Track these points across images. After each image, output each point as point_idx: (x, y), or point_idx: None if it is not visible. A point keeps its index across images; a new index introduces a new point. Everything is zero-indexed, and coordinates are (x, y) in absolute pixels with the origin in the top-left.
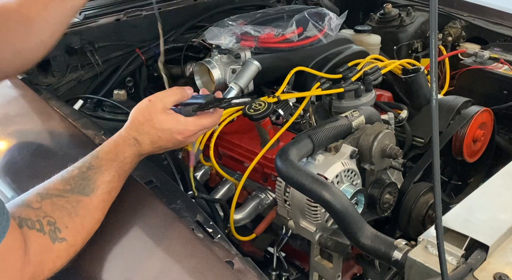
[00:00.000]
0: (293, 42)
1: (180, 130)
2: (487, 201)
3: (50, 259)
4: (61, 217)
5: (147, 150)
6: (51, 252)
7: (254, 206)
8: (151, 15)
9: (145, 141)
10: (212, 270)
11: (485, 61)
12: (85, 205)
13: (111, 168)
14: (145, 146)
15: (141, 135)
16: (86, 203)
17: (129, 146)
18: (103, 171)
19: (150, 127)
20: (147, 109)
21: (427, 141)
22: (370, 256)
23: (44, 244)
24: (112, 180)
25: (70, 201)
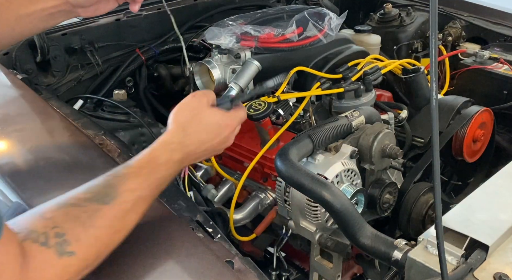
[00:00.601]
0: (293, 42)
1: (227, 123)
2: (487, 201)
3: (54, 275)
4: (73, 228)
5: (193, 154)
6: (55, 267)
7: (254, 206)
8: (151, 15)
9: (193, 142)
10: (212, 270)
11: (485, 61)
12: (103, 214)
13: (139, 175)
14: (191, 147)
15: (187, 136)
16: (104, 212)
17: (166, 151)
18: (129, 178)
19: (198, 122)
20: (193, 104)
21: (427, 140)
22: (370, 256)
23: (48, 259)
24: (137, 188)
25: (87, 210)
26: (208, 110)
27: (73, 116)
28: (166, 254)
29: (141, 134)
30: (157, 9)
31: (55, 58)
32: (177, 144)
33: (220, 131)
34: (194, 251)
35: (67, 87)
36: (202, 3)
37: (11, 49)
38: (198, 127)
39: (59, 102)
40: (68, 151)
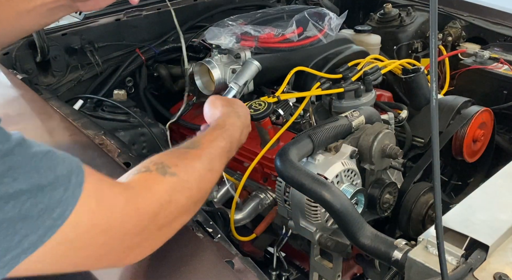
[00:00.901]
0: (293, 42)
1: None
2: (487, 201)
3: (163, 191)
4: (169, 159)
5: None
6: (162, 183)
7: (254, 206)
8: (151, 15)
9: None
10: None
11: (485, 61)
12: (193, 153)
13: (213, 133)
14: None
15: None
16: (194, 153)
17: (229, 118)
18: (206, 135)
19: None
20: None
21: (427, 140)
22: (370, 256)
23: (153, 178)
24: (215, 139)
25: (178, 151)
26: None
27: (73, 116)
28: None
29: (141, 134)
30: (157, 9)
31: (55, 58)
32: (233, 112)
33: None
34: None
35: (67, 87)
36: (202, 3)
37: (11, 49)
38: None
39: (59, 102)
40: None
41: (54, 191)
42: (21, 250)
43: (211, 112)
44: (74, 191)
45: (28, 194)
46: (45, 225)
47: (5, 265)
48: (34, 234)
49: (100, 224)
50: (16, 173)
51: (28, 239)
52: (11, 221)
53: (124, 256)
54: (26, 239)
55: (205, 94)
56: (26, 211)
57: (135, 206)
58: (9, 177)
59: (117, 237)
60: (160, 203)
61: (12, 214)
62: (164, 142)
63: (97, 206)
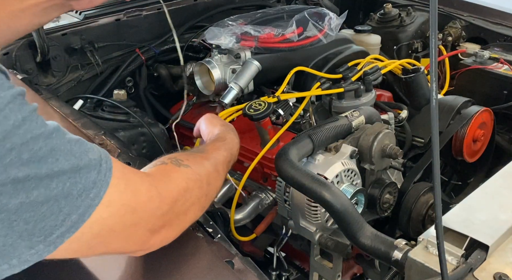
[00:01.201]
0: (293, 42)
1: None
2: (487, 201)
3: (180, 179)
4: (180, 155)
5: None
6: (178, 172)
7: (254, 206)
8: (151, 15)
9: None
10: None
11: (485, 61)
12: (200, 155)
13: (215, 144)
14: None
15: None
16: (201, 155)
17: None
18: (209, 144)
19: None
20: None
21: (427, 140)
22: (370, 256)
23: (170, 168)
24: (218, 148)
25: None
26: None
27: (73, 116)
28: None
29: (141, 134)
30: (157, 9)
31: (55, 58)
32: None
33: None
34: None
35: (67, 87)
36: (202, 3)
37: (11, 49)
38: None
39: (59, 102)
40: None
41: (89, 173)
42: (66, 228)
43: (209, 130)
44: (106, 174)
45: (68, 174)
46: (85, 204)
47: (51, 243)
48: (75, 213)
49: (129, 204)
50: (57, 154)
51: (71, 218)
52: (56, 199)
53: (147, 240)
54: (69, 217)
55: (205, 94)
56: (68, 189)
57: (157, 190)
58: (52, 157)
59: (142, 218)
60: (178, 189)
61: (57, 191)
62: (164, 142)
63: (125, 188)
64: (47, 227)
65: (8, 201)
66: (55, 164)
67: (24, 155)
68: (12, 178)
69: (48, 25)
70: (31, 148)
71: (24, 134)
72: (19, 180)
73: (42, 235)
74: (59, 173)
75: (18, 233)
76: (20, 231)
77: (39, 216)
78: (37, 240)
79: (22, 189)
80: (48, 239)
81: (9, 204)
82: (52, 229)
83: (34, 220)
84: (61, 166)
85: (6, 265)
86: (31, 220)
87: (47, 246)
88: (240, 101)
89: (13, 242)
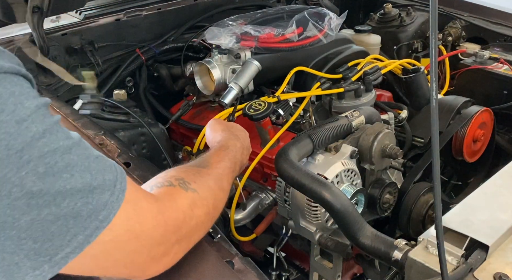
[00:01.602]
0: (293, 42)
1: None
2: (487, 201)
3: (187, 205)
4: (187, 176)
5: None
6: (185, 197)
7: (254, 206)
8: (151, 15)
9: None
10: (212, 270)
11: (485, 61)
12: (205, 172)
13: (218, 154)
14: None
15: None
16: (205, 172)
17: (230, 140)
18: (211, 156)
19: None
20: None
21: (427, 140)
22: (370, 256)
23: (177, 192)
24: (221, 160)
25: (192, 170)
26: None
27: (73, 116)
28: None
29: (141, 134)
30: (157, 9)
31: (55, 58)
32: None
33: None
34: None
35: (67, 87)
36: (202, 3)
37: (11, 49)
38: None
39: (59, 102)
40: None
41: (102, 194)
42: (71, 249)
43: (212, 136)
44: (118, 196)
45: (81, 193)
46: (92, 225)
47: (56, 264)
48: (82, 234)
49: (134, 230)
50: (73, 170)
51: (77, 238)
52: (65, 218)
53: (147, 267)
54: (75, 238)
55: (205, 94)
56: (78, 209)
57: (163, 218)
58: (67, 172)
59: (145, 245)
60: (184, 216)
61: (67, 211)
62: (164, 142)
63: (134, 213)
64: (54, 247)
65: (20, 217)
66: (68, 180)
67: (40, 168)
68: (26, 191)
69: (48, 25)
70: (48, 162)
71: (42, 147)
72: (33, 194)
73: (48, 255)
74: (72, 191)
75: (25, 252)
76: (27, 250)
77: (48, 235)
78: (43, 260)
79: (35, 206)
80: (54, 259)
81: (20, 220)
82: (58, 249)
83: (42, 239)
84: (74, 183)
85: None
86: (40, 239)
87: (52, 267)
88: (240, 101)
89: (19, 261)
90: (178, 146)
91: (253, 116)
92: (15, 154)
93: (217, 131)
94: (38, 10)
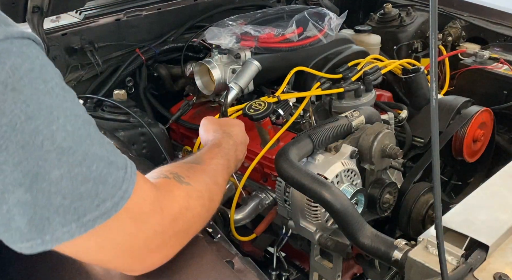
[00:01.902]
0: (293, 42)
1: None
2: (487, 201)
3: (181, 197)
4: (181, 171)
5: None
6: (180, 190)
7: (254, 206)
8: (151, 15)
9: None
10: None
11: (485, 61)
12: (199, 168)
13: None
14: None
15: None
16: (199, 168)
17: (224, 139)
18: (205, 153)
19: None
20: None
21: (427, 141)
22: (370, 256)
23: (172, 184)
24: (215, 157)
25: (186, 165)
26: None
27: None
28: None
29: (141, 134)
30: (157, 9)
31: (55, 58)
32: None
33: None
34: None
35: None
36: (202, 3)
37: None
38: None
39: None
40: None
41: (118, 170)
42: (99, 213)
43: (205, 136)
44: (132, 175)
45: (103, 162)
46: (118, 194)
47: (83, 225)
48: (110, 201)
49: (132, 210)
50: (94, 140)
51: (105, 204)
52: (95, 182)
53: (144, 257)
54: (103, 204)
55: (205, 94)
56: (105, 176)
57: (160, 205)
58: (90, 139)
59: (141, 229)
60: (180, 208)
61: (96, 174)
62: (164, 142)
63: (134, 194)
64: (83, 207)
65: (51, 170)
66: (90, 147)
67: (68, 127)
68: (57, 145)
69: (48, 25)
70: (73, 124)
71: (67, 109)
72: (63, 150)
73: (76, 214)
74: (96, 157)
75: (55, 207)
76: (57, 205)
77: (77, 194)
78: (71, 218)
79: (65, 162)
80: (81, 220)
81: (51, 173)
82: (86, 210)
83: (71, 197)
84: (95, 151)
85: (39, 239)
86: (69, 196)
87: (79, 227)
88: (240, 101)
89: (50, 216)
90: (178, 146)
91: (253, 116)
92: (46, 108)
93: (209, 132)
94: (38, 10)
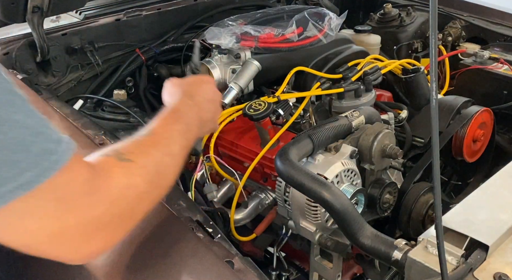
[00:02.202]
0: (293, 42)
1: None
2: (487, 201)
3: (120, 173)
4: (124, 147)
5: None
6: (118, 166)
7: (254, 206)
8: (151, 15)
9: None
10: (212, 270)
11: (485, 61)
12: (146, 140)
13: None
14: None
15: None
16: (147, 139)
17: (184, 106)
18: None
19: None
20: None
21: (427, 140)
22: (370, 256)
23: (110, 162)
24: (169, 123)
25: (130, 140)
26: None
27: (73, 116)
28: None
29: None
30: (157, 9)
31: (55, 58)
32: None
33: (214, 95)
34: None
35: (67, 87)
36: (202, 3)
37: (11, 49)
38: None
39: (59, 102)
40: None
41: (48, 142)
42: (18, 184)
43: (169, 101)
44: (66, 151)
45: (28, 130)
46: (44, 165)
47: (1, 197)
48: (32, 171)
49: (60, 190)
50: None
51: (26, 174)
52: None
53: (78, 245)
54: (24, 174)
55: None
56: (28, 144)
57: (94, 186)
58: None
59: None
60: (119, 187)
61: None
62: None
63: (63, 172)
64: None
65: None
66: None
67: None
68: None
69: (48, 25)
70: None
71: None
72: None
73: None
74: (17, 124)
75: None
76: None
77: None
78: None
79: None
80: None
81: None
82: (3, 180)
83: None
84: (18, 118)
85: None
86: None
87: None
88: (240, 101)
89: None
90: None
91: (253, 116)
92: None
93: (173, 96)
94: (38, 10)
